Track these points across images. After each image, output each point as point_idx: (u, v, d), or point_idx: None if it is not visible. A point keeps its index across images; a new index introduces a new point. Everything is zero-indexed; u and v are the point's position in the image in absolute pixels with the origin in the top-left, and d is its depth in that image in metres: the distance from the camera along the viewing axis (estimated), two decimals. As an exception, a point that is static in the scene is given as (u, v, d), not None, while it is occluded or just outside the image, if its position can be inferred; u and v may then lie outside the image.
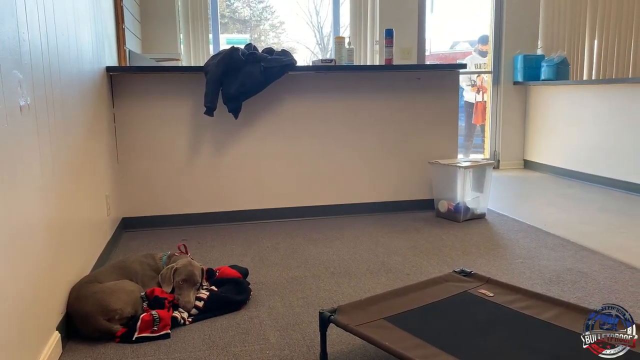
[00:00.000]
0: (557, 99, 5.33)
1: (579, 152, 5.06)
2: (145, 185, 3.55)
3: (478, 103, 6.42)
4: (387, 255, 2.92)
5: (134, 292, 2.10)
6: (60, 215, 2.04)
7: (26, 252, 1.64)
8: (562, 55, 5.40)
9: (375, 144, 3.85)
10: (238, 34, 8.44)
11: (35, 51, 1.85)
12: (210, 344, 1.93)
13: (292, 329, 2.04)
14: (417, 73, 3.85)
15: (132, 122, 3.47)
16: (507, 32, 5.69)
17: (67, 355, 1.87)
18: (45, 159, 1.89)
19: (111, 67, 3.31)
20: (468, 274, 2.08)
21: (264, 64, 3.39)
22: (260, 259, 2.90)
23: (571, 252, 2.91)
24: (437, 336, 1.60)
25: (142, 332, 1.96)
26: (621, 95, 4.56)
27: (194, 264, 2.27)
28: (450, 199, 3.68)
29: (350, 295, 2.36)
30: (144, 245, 3.18)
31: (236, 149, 3.65)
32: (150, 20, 4.88)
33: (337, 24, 5.57)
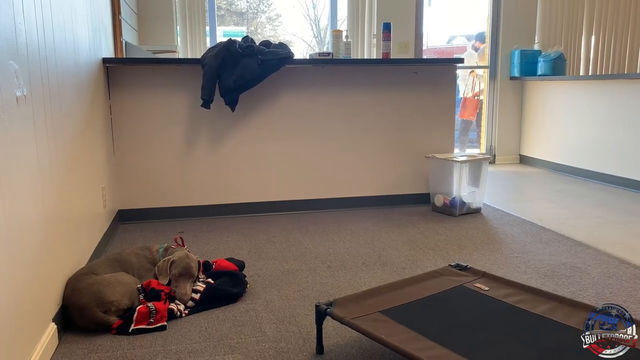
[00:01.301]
0: (554, 94, 5.34)
1: (574, 147, 5.08)
2: (141, 178, 3.54)
3: (467, 98, 6.35)
4: (383, 249, 2.93)
5: (130, 284, 2.10)
6: (56, 207, 2.03)
7: (22, 244, 1.63)
8: (559, 50, 5.40)
9: (371, 138, 3.86)
10: (235, 27, 8.40)
11: (32, 42, 1.84)
12: (207, 336, 1.94)
13: (289, 321, 2.05)
14: (414, 67, 3.85)
15: (129, 114, 3.46)
16: (505, 27, 5.69)
17: (63, 347, 1.87)
18: (41, 150, 1.88)
19: (107, 59, 3.29)
20: (464, 268, 2.09)
21: (261, 56, 3.38)
22: (257, 251, 2.90)
23: (566, 247, 2.92)
24: (432, 329, 1.61)
25: (138, 324, 1.97)
26: (617, 91, 4.58)
27: (191, 256, 2.27)
28: (446, 194, 3.69)
29: (346, 288, 2.37)
30: (140, 238, 3.17)
31: (233, 142, 3.64)
32: (146, 12, 4.85)
33: (334, 17, 5.55)
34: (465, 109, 6.33)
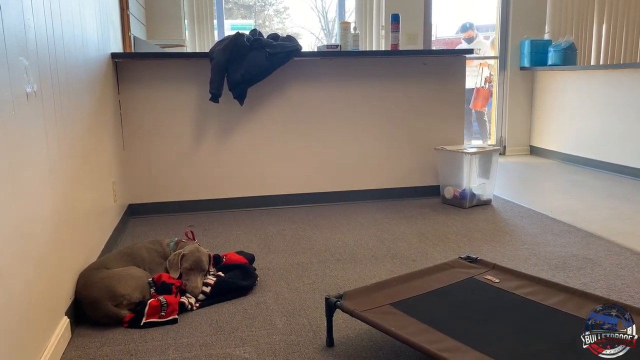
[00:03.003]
0: (564, 84, 5.28)
1: (585, 138, 5.03)
2: (151, 172, 3.56)
3: (480, 88, 6.32)
4: (393, 241, 2.93)
5: (141, 278, 2.12)
6: (67, 202, 2.05)
7: (34, 239, 1.65)
8: (570, 40, 5.34)
9: (380, 130, 3.84)
10: (242, 20, 8.39)
11: (41, 38, 1.84)
12: (218, 328, 1.95)
13: (299, 314, 2.06)
14: (423, 58, 3.83)
15: (138, 108, 3.48)
16: (514, 16, 5.63)
17: (76, 340, 1.89)
18: (51, 146, 1.89)
19: (116, 54, 3.30)
20: (474, 260, 2.09)
21: (269, 50, 3.37)
22: (266, 245, 2.91)
23: (577, 238, 2.90)
24: (443, 322, 1.61)
25: (149, 317, 1.98)
26: (629, 81, 4.52)
27: (201, 250, 2.28)
28: (456, 185, 3.67)
29: (356, 281, 2.37)
30: (151, 232, 3.19)
31: (242, 135, 3.65)
32: (154, 6, 4.85)
33: (342, 8, 5.52)
34: (478, 100, 6.29)
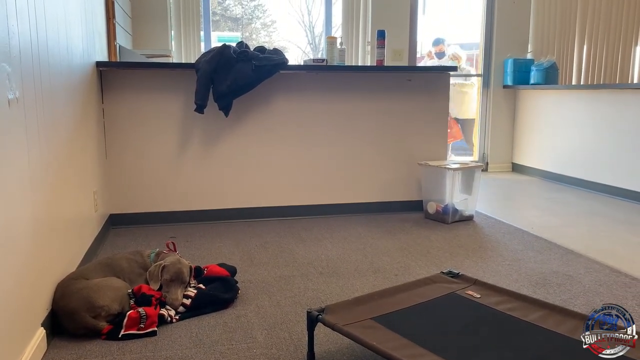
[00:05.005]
0: (546, 103, 5.38)
1: (566, 156, 5.11)
2: (133, 182, 3.53)
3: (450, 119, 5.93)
4: (376, 255, 2.93)
5: (120, 289, 2.08)
6: (47, 211, 2.02)
7: (12, 247, 1.62)
8: (552, 60, 5.45)
9: (365, 145, 3.86)
10: (229, 32, 8.41)
11: (25, 44, 1.83)
12: (197, 342, 1.93)
13: (280, 327, 2.04)
14: (408, 74, 3.87)
15: (122, 118, 3.45)
16: (498, 35, 5.73)
17: (52, 352, 1.85)
18: (33, 153, 1.87)
19: (101, 62, 3.28)
20: (456, 275, 2.10)
21: (255, 62, 3.38)
22: (249, 257, 2.89)
23: (557, 255, 2.94)
24: (424, 336, 1.61)
25: (128, 329, 1.95)
26: (609, 101, 4.62)
27: (182, 261, 2.26)
28: (439, 201, 3.70)
29: (338, 295, 2.36)
30: (132, 242, 3.16)
31: (226, 147, 3.64)
32: (141, 16, 4.85)
33: (329, 23, 5.57)
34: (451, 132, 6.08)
